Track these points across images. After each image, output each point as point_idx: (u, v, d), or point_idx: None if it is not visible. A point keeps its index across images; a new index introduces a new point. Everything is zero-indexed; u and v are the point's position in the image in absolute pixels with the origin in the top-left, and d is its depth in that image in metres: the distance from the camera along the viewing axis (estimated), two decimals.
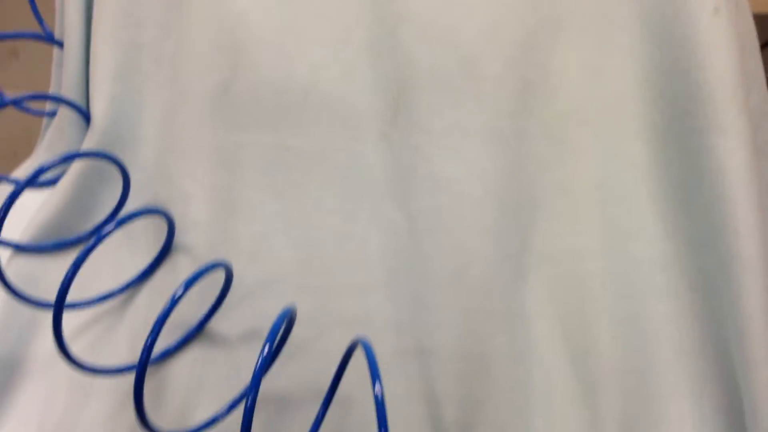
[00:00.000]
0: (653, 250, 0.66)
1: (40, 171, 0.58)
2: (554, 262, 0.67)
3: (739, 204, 0.61)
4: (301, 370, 0.62)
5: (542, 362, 0.63)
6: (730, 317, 0.60)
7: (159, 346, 0.64)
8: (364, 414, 0.60)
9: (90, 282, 0.67)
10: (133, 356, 0.59)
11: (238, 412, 0.51)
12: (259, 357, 0.49)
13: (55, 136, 0.78)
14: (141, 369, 0.52)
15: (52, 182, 0.75)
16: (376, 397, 0.48)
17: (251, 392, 0.48)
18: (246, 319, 0.65)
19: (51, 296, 0.55)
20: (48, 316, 0.63)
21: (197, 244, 0.67)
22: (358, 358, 0.58)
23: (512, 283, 0.66)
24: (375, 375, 0.49)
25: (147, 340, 0.52)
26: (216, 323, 0.66)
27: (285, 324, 0.58)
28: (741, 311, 0.59)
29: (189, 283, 0.53)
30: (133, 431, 0.60)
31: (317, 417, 0.58)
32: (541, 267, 0.66)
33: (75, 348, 0.59)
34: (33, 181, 0.58)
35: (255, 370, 0.49)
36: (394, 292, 0.66)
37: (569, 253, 0.67)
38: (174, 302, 0.52)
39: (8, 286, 0.61)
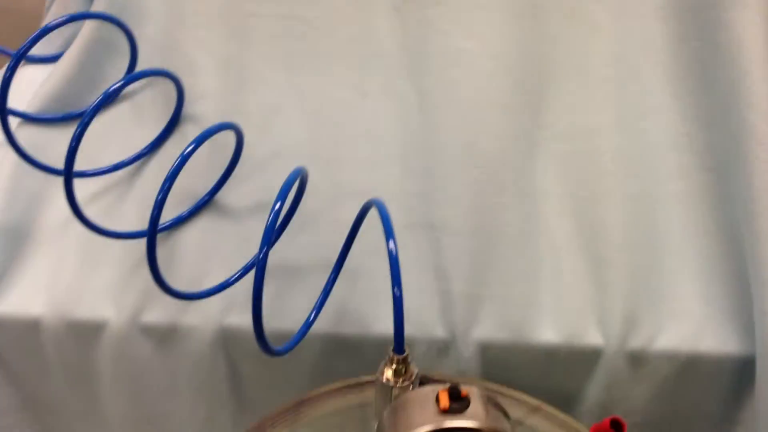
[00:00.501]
0: (667, 129, 0.66)
1: (45, 30, 0.57)
2: (566, 139, 0.66)
3: (756, 78, 0.60)
4: (311, 241, 0.63)
5: (551, 239, 0.63)
6: (741, 194, 0.60)
7: (169, 215, 0.64)
8: (373, 285, 0.61)
9: (99, 154, 0.67)
10: (142, 226, 0.59)
11: (249, 281, 0.51)
12: (270, 213, 0.49)
13: (59, 9, 0.76)
14: (153, 224, 0.52)
15: (57, 57, 0.74)
16: (390, 253, 0.48)
17: (263, 247, 0.48)
18: (256, 191, 0.65)
19: (59, 166, 0.55)
20: (56, 186, 0.63)
21: (206, 115, 0.66)
22: (367, 233, 0.58)
23: (523, 159, 0.65)
24: (389, 232, 0.48)
25: (158, 196, 0.51)
26: (226, 195, 0.65)
27: (297, 185, 0.58)
28: (753, 186, 0.58)
29: (199, 140, 0.53)
30: (144, 297, 0.61)
31: (327, 284, 0.59)
32: (552, 144, 0.66)
33: None
34: (38, 41, 0.57)
35: (266, 225, 0.49)
36: (405, 165, 0.66)
37: (581, 130, 0.66)
38: (184, 159, 0.52)
39: (19, 151, 0.60)
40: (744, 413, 0.61)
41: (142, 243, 0.54)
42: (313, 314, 0.58)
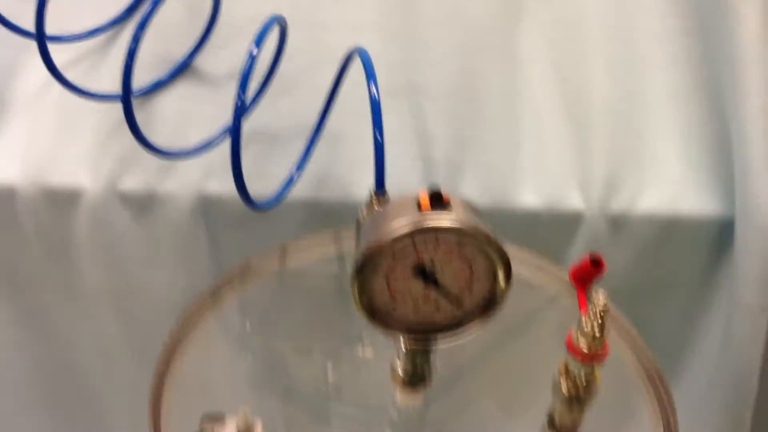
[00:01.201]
0: None
1: None
2: (551, 4, 0.65)
3: None
4: (291, 106, 0.61)
5: (534, 103, 0.63)
6: (725, 54, 0.59)
7: (147, 79, 0.62)
8: (355, 150, 0.60)
9: (73, 20, 0.65)
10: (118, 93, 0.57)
11: (228, 149, 0.49)
12: (247, 58, 0.48)
13: None
14: (127, 75, 0.50)
15: None
16: (372, 97, 0.47)
17: (240, 90, 0.47)
18: (234, 57, 0.62)
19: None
20: (30, 54, 0.61)
21: None
22: (347, 98, 0.57)
23: (508, 23, 0.65)
24: (371, 75, 0.48)
25: (131, 45, 0.50)
26: (204, 61, 0.64)
27: (278, 40, 0.57)
28: (737, 42, 0.58)
29: None
30: (121, 164, 0.60)
31: (309, 142, 0.58)
32: (538, 9, 0.65)
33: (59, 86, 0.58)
34: None
35: (242, 71, 0.48)
36: (387, 28, 0.64)
37: None
38: (155, 4, 0.50)
39: None
40: (722, 277, 0.61)
41: (118, 109, 0.53)
42: (295, 174, 0.57)
